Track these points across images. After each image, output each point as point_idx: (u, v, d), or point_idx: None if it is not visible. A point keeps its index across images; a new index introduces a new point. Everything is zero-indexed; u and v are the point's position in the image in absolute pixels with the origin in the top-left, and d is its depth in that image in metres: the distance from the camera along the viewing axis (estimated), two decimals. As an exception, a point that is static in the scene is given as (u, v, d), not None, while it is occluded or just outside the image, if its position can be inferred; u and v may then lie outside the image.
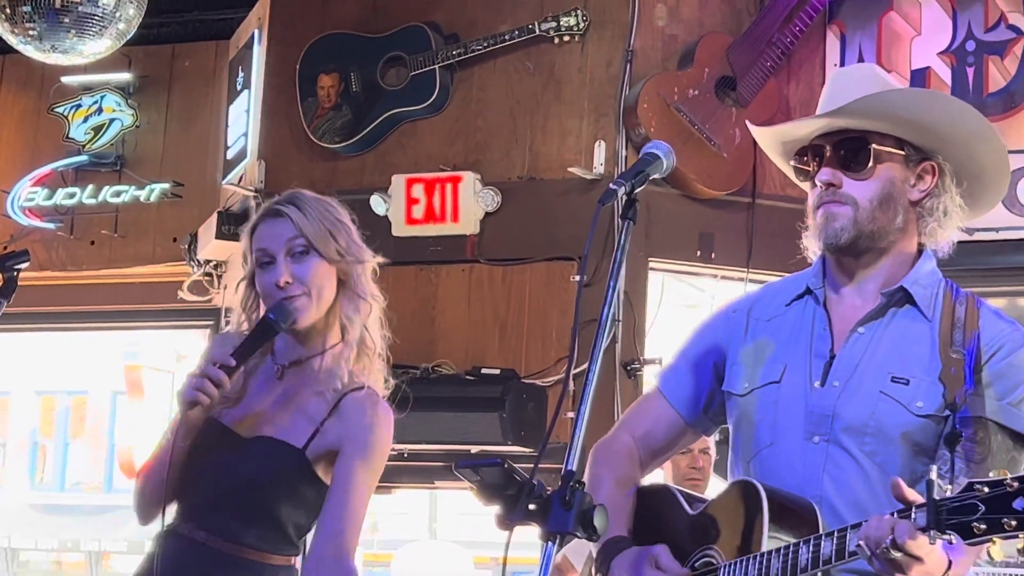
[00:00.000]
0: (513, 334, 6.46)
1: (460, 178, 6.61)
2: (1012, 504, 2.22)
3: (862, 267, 2.87)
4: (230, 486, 3.34)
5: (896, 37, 6.29)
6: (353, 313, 3.41)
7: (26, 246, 7.30)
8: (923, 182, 2.85)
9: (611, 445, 3.11)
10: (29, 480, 14.78)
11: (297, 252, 3.34)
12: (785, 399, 2.85)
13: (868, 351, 2.81)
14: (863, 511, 2.63)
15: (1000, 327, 2.79)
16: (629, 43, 6.45)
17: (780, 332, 2.94)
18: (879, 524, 2.41)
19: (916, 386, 2.74)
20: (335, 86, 6.92)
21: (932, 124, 2.83)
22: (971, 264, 6.06)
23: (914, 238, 2.87)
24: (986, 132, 2.88)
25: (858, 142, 2.84)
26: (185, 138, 7.83)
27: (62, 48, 5.87)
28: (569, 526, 2.38)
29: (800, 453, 2.80)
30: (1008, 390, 2.72)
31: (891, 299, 2.83)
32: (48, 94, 8.01)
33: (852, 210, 2.82)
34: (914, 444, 2.73)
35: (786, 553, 2.57)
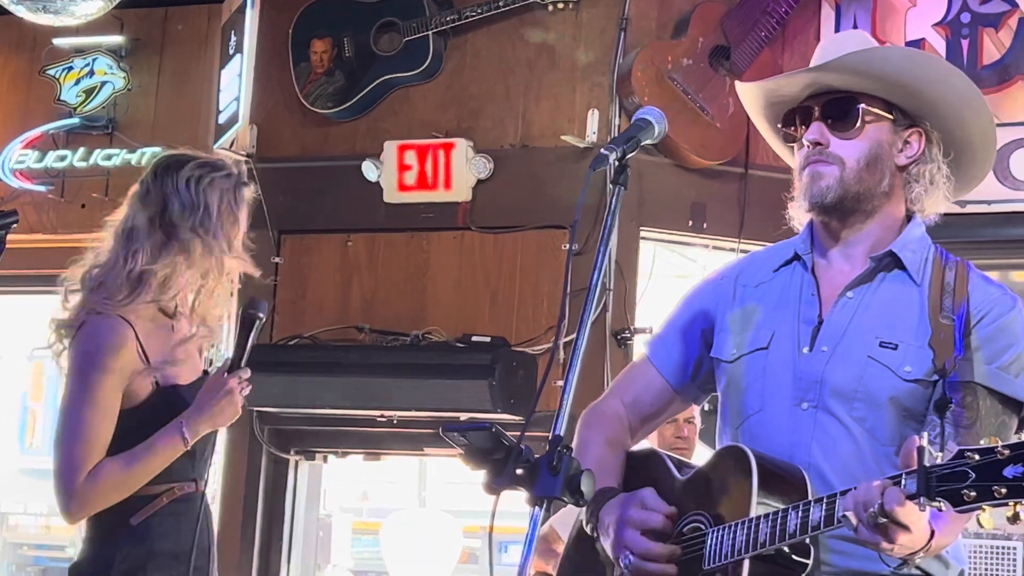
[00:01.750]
0: (504, 302, 6.45)
1: (452, 145, 6.59)
2: (1003, 472, 2.22)
3: (848, 230, 2.87)
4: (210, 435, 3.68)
5: (891, 8, 6.27)
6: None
7: (16, 208, 7.29)
8: (910, 147, 2.85)
9: (601, 410, 3.12)
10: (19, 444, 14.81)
11: None
12: (773, 365, 2.85)
13: (856, 316, 2.81)
14: (852, 477, 2.63)
15: (989, 291, 2.80)
16: (623, 11, 6.42)
17: (768, 298, 2.94)
18: (868, 489, 2.41)
19: (904, 351, 2.74)
20: (328, 51, 6.89)
21: (921, 85, 2.82)
22: (963, 236, 6.06)
23: (901, 204, 2.87)
24: (975, 100, 2.88)
25: (847, 101, 2.84)
26: (177, 102, 7.79)
27: (53, 8, 5.84)
28: (556, 491, 2.39)
29: (788, 419, 2.80)
30: (997, 354, 2.73)
31: (880, 263, 2.84)
32: (40, 56, 7.95)
33: (839, 169, 2.82)
34: (903, 409, 2.73)
35: (775, 519, 2.57)
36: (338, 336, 6.63)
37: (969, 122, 2.87)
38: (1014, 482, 2.20)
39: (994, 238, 6.08)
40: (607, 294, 6.12)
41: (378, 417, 6.50)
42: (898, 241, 2.85)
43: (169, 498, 3.60)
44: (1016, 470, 2.20)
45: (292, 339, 6.60)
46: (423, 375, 6.28)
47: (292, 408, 6.40)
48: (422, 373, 6.31)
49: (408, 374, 6.33)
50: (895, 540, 2.42)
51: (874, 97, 2.84)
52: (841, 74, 2.83)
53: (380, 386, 6.40)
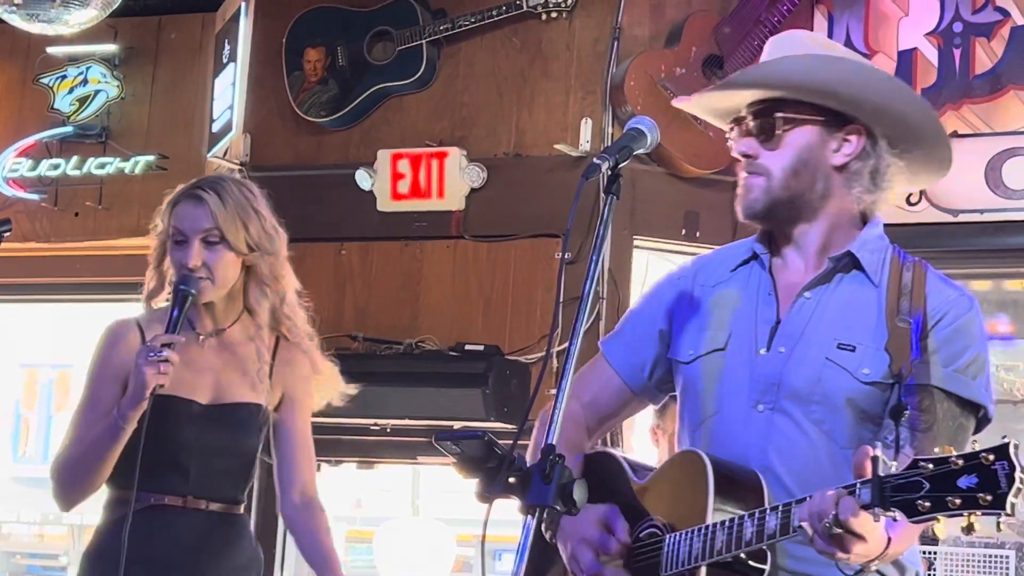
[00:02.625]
0: (497, 310, 6.46)
1: (446, 154, 6.60)
2: (956, 482, 2.20)
3: (795, 233, 2.86)
4: (225, 452, 3.68)
5: (883, 18, 6.28)
6: (260, 299, 3.73)
7: (9, 217, 7.29)
8: (848, 145, 2.82)
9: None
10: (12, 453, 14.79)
11: (211, 241, 3.61)
12: (730, 366, 2.84)
13: (814, 316, 2.79)
14: (808, 480, 2.62)
15: (947, 293, 2.77)
16: (617, 20, 6.44)
17: (726, 298, 2.92)
18: (822, 499, 2.38)
19: (862, 353, 2.72)
20: (321, 60, 6.90)
21: (835, 87, 2.80)
22: (956, 245, 6.10)
23: (847, 202, 2.84)
24: (899, 90, 2.86)
25: (766, 112, 2.83)
26: (171, 110, 7.80)
27: (47, 17, 5.84)
28: (548, 499, 2.38)
29: (745, 422, 2.78)
30: (954, 356, 2.71)
31: (838, 264, 2.82)
32: (33, 65, 7.96)
33: (765, 180, 2.82)
34: (860, 411, 2.71)
35: (731, 527, 2.55)
36: (331, 345, 6.58)
37: (904, 111, 2.83)
38: (968, 493, 2.18)
39: (987, 247, 6.09)
40: (600, 303, 6.12)
41: (371, 425, 6.50)
42: (856, 242, 2.82)
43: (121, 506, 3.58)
44: (970, 480, 2.18)
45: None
46: (416, 383, 6.29)
47: (285, 416, 6.40)
48: (415, 381, 6.31)
49: (401, 382, 6.33)
50: (850, 550, 2.40)
51: (802, 102, 2.82)
52: (741, 88, 2.84)
53: (373, 394, 6.35)
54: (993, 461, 2.17)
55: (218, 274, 3.61)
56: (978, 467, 2.18)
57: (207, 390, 3.67)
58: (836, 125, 2.82)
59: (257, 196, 3.73)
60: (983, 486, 2.17)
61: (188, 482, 3.62)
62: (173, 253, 3.63)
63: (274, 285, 3.73)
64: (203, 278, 3.59)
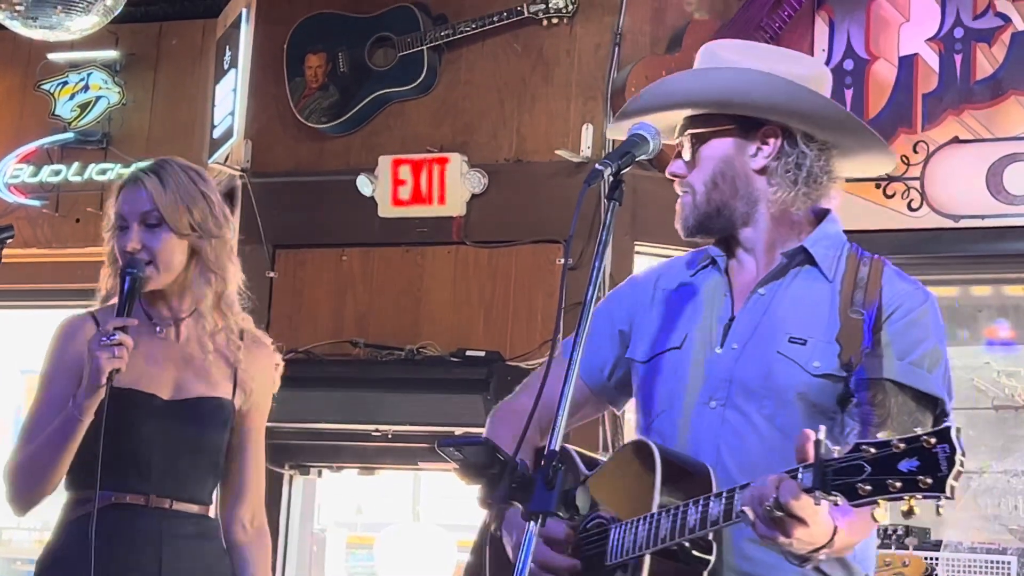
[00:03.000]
0: (498, 316, 6.46)
1: (447, 160, 6.60)
2: (898, 465, 2.18)
3: (742, 238, 2.89)
4: (189, 449, 3.56)
5: (884, 23, 6.28)
6: (204, 286, 3.59)
7: (12, 223, 7.28)
8: (766, 147, 2.85)
9: (512, 407, 3.10)
10: (12, 459, 14.82)
11: (150, 223, 3.51)
12: (685, 364, 2.84)
13: (768, 312, 2.80)
14: (759, 475, 2.55)
15: (901, 286, 2.77)
16: (618, 26, 6.44)
17: (684, 300, 2.94)
18: (764, 483, 2.37)
19: (813, 346, 2.72)
20: (322, 66, 6.90)
21: (732, 97, 2.84)
22: (957, 251, 6.10)
23: (780, 201, 2.85)
24: (791, 90, 2.84)
25: (682, 131, 2.90)
26: (171, 117, 7.81)
27: (48, 24, 5.83)
28: (551, 505, 2.39)
29: (697, 417, 2.79)
30: (908, 349, 2.70)
31: (792, 260, 2.84)
32: (34, 71, 7.97)
33: (691, 197, 2.87)
34: (812, 405, 2.71)
35: (676, 514, 2.54)
36: (333, 351, 6.63)
37: (802, 107, 2.84)
38: (909, 476, 2.17)
39: (988, 253, 6.10)
40: (602, 309, 6.11)
41: (372, 431, 6.50)
42: (810, 237, 2.84)
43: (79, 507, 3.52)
44: (911, 464, 2.17)
45: (287, 354, 6.55)
46: (418, 389, 6.29)
47: (286, 423, 6.38)
48: (417, 387, 6.31)
49: (403, 388, 6.33)
50: (792, 534, 2.37)
51: (713, 115, 2.87)
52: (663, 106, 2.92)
53: (375, 400, 6.40)
54: (935, 444, 2.16)
55: (160, 257, 3.49)
56: (919, 450, 2.17)
57: (168, 384, 3.56)
58: (751, 130, 2.85)
59: (204, 179, 3.63)
60: (924, 469, 2.16)
61: (150, 480, 3.50)
62: (117, 240, 3.54)
63: (220, 272, 3.60)
64: (146, 261, 3.49)
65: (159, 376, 3.55)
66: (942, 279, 6.45)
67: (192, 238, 3.54)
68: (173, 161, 3.64)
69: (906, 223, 6.07)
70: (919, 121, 6.14)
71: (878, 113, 6.18)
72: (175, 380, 3.57)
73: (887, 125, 6.15)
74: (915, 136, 6.14)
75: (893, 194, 6.12)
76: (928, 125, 6.13)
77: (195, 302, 3.59)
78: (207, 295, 3.58)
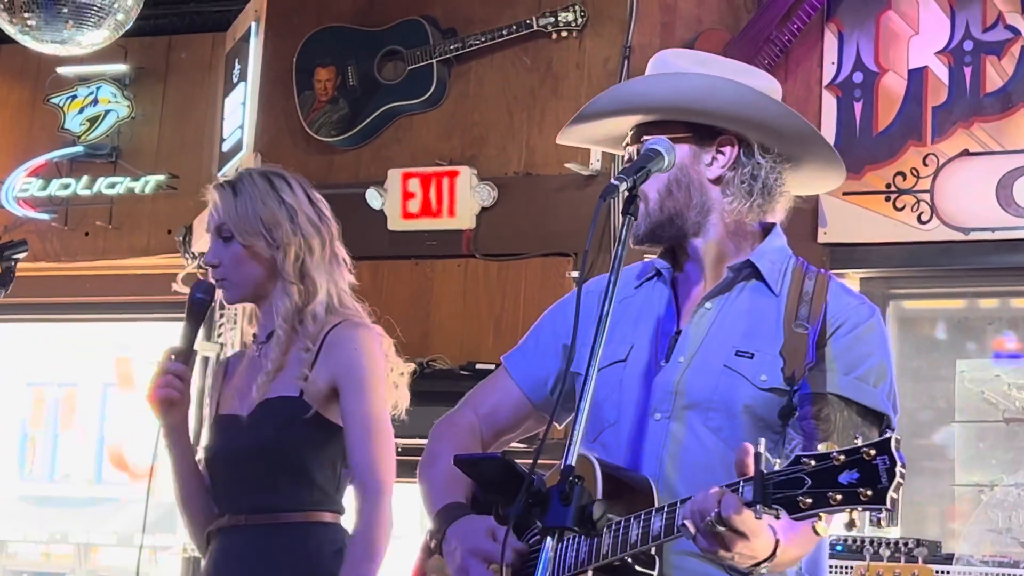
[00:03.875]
0: (508, 329, 6.45)
1: (456, 173, 6.60)
2: (838, 478, 2.17)
3: (690, 248, 2.86)
4: (245, 462, 3.48)
5: (894, 36, 6.28)
6: (282, 297, 3.52)
7: (21, 236, 7.29)
8: (722, 156, 2.83)
9: (454, 421, 3.11)
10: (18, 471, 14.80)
11: (224, 236, 3.51)
12: (629, 378, 2.81)
13: (714, 326, 2.78)
14: (702, 487, 2.52)
15: (846, 301, 2.76)
16: (627, 39, 6.44)
17: (628, 312, 2.90)
18: (705, 498, 2.35)
19: (760, 360, 2.70)
20: (332, 79, 6.91)
21: (678, 102, 2.81)
22: (967, 264, 6.09)
23: (731, 213, 2.83)
24: (751, 97, 2.82)
25: (636, 136, 2.87)
26: (181, 130, 7.82)
27: (60, 39, 5.84)
28: (568, 521, 2.36)
29: (641, 430, 2.75)
30: (854, 364, 2.69)
31: (739, 274, 2.82)
32: (44, 85, 7.99)
33: (644, 205, 2.82)
34: (758, 418, 2.69)
35: (617, 529, 2.51)
36: (342, 364, 6.62)
37: (760, 115, 2.82)
38: (849, 488, 2.15)
39: (998, 265, 6.08)
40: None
41: (382, 445, 6.49)
42: (757, 251, 2.83)
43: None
44: (851, 476, 2.16)
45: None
46: (427, 402, 6.24)
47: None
48: (426, 400, 6.27)
49: (412, 402, 6.31)
50: (733, 548, 2.35)
51: (669, 121, 2.83)
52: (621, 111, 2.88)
53: (384, 413, 6.39)
54: (874, 456, 2.15)
55: (231, 271, 3.49)
56: (859, 462, 2.16)
57: (248, 402, 3.53)
58: (708, 139, 2.83)
59: (290, 186, 3.58)
60: (864, 481, 2.15)
61: (231, 500, 3.50)
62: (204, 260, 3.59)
63: (301, 284, 3.53)
64: (220, 279, 3.50)
65: (245, 395, 3.54)
66: (952, 292, 6.45)
67: (264, 249, 3.51)
68: (255, 170, 3.63)
69: (916, 236, 6.06)
70: (929, 134, 6.13)
71: (888, 126, 6.18)
72: (254, 396, 3.52)
73: (897, 138, 6.15)
74: (925, 149, 6.13)
75: (903, 207, 6.11)
76: (938, 138, 6.12)
77: (278, 314, 3.53)
78: (286, 306, 3.52)
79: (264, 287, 3.54)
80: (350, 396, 3.51)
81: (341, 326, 3.55)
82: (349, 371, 3.50)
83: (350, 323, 3.59)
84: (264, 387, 3.50)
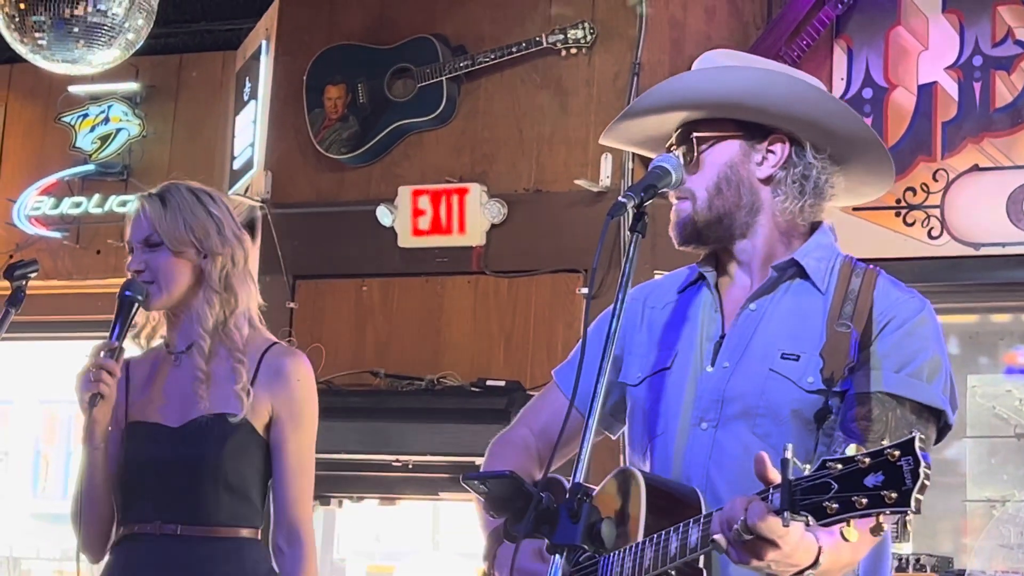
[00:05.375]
0: (518, 346, 6.46)
1: (466, 190, 6.61)
2: (864, 481, 2.11)
3: (737, 250, 2.80)
4: (182, 474, 3.47)
5: (903, 52, 6.29)
6: (204, 307, 3.55)
7: (32, 255, 7.29)
8: (773, 156, 2.76)
9: (509, 439, 3.07)
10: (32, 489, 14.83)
11: (152, 243, 3.52)
12: (675, 385, 2.77)
13: (759, 328, 2.72)
14: None
15: (894, 296, 2.68)
16: (636, 56, 6.45)
17: (673, 318, 2.86)
18: (732, 507, 2.31)
19: (807, 361, 2.64)
20: (342, 97, 6.92)
21: (737, 98, 2.75)
22: (977, 279, 6.09)
23: (780, 213, 2.77)
24: (812, 95, 2.77)
25: (684, 134, 2.79)
26: (192, 148, 7.84)
27: (71, 58, 5.86)
28: (576, 539, 2.36)
29: (688, 440, 2.71)
30: (906, 360, 2.61)
31: (783, 273, 2.76)
32: (55, 103, 8.01)
33: (691, 204, 2.77)
34: (807, 422, 2.63)
35: (658, 542, 2.47)
36: (353, 381, 6.63)
37: (819, 114, 2.76)
38: (874, 491, 2.09)
39: (1008, 280, 6.09)
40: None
41: (393, 462, 6.50)
42: (801, 249, 2.76)
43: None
44: (876, 479, 2.10)
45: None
46: (438, 419, 6.29)
47: (307, 453, 6.40)
48: (437, 417, 6.31)
49: (423, 418, 6.33)
50: (764, 557, 2.29)
51: (719, 119, 2.77)
52: (653, 111, 2.80)
53: (395, 431, 6.40)
54: (899, 457, 2.09)
55: (160, 276, 3.49)
56: (884, 464, 2.10)
57: (176, 411, 3.53)
58: (758, 137, 2.77)
59: (215, 200, 3.61)
60: (888, 483, 2.09)
61: (156, 508, 3.47)
62: (127, 264, 3.57)
63: (224, 294, 3.55)
64: (147, 282, 3.49)
65: (168, 404, 3.54)
66: (963, 307, 6.45)
67: (193, 257, 3.53)
68: (180, 184, 3.64)
69: (926, 251, 6.06)
70: (939, 149, 6.14)
71: (897, 141, 6.19)
72: (182, 405, 3.52)
73: (906, 153, 6.16)
74: (935, 164, 6.14)
75: (913, 222, 6.12)
76: (948, 153, 6.13)
77: (199, 323, 3.54)
78: (208, 316, 3.54)
79: (186, 296, 3.56)
80: (286, 429, 3.55)
81: (277, 350, 3.62)
82: (290, 405, 3.56)
83: (284, 348, 3.66)
84: (198, 399, 3.51)
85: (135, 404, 3.58)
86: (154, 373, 3.61)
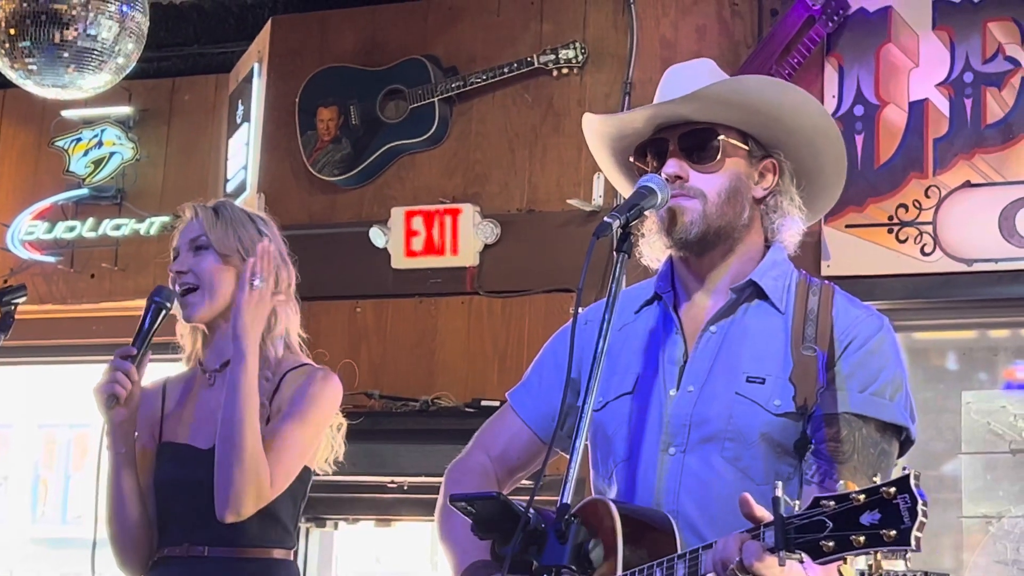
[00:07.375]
0: (512, 366, 6.45)
1: (459, 210, 6.62)
2: (859, 519, 2.11)
3: (709, 266, 2.80)
4: (212, 495, 3.37)
5: (894, 69, 6.29)
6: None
7: (26, 279, 7.31)
8: (765, 180, 2.80)
9: (467, 465, 3.04)
10: (31, 513, 14.79)
11: (198, 246, 3.49)
12: (639, 409, 2.76)
13: (722, 351, 2.72)
14: (723, 522, 2.52)
15: (854, 314, 2.71)
16: (627, 75, 6.46)
17: (631, 340, 2.85)
18: (726, 546, 2.30)
19: (772, 384, 2.65)
20: (334, 119, 6.93)
21: (781, 112, 2.77)
22: (970, 295, 6.07)
23: (760, 235, 2.81)
24: (830, 128, 2.83)
25: (706, 133, 2.78)
26: (185, 171, 7.83)
27: (61, 83, 5.86)
28: (564, 560, 2.35)
29: (656, 466, 2.69)
30: (869, 380, 2.64)
31: (741, 295, 2.76)
32: (48, 128, 8.01)
33: (701, 203, 2.75)
34: (776, 445, 2.64)
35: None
36: (347, 402, 6.54)
37: (822, 150, 2.82)
38: (871, 529, 2.09)
39: (1002, 296, 6.07)
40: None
41: (388, 483, 6.49)
42: (757, 270, 2.77)
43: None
44: (873, 517, 2.09)
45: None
46: (433, 440, 6.28)
47: (302, 475, 6.40)
48: (432, 438, 6.30)
49: (418, 439, 6.33)
50: None
51: (731, 128, 2.78)
52: (700, 105, 2.76)
53: (390, 452, 6.40)
54: (895, 495, 2.09)
55: (204, 280, 3.45)
56: (880, 502, 2.09)
57: (207, 433, 3.46)
58: (757, 158, 2.80)
59: (266, 222, 3.61)
60: (886, 522, 2.08)
61: (185, 531, 3.44)
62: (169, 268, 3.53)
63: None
64: (190, 287, 3.46)
65: (199, 425, 3.50)
66: (957, 323, 6.43)
67: (238, 265, 3.48)
68: (233, 203, 3.67)
69: (919, 268, 6.05)
70: (930, 166, 6.14)
71: (889, 158, 6.18)
72: (213, 426, 3.43)
73: (898, 170, 6.15)
74: (927, 181, 6.13)
75: (906, 239, 6.11)
76: (939, 170, 6.13)
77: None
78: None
79: (226, 310, 3.50)
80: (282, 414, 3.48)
81: (304, 369, 3.56)
82: (294, 398, 3.49)
83: (311, 367, 3.59)
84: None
85: (168, 424, 3.56)
86: (187, 393, 3.58)
